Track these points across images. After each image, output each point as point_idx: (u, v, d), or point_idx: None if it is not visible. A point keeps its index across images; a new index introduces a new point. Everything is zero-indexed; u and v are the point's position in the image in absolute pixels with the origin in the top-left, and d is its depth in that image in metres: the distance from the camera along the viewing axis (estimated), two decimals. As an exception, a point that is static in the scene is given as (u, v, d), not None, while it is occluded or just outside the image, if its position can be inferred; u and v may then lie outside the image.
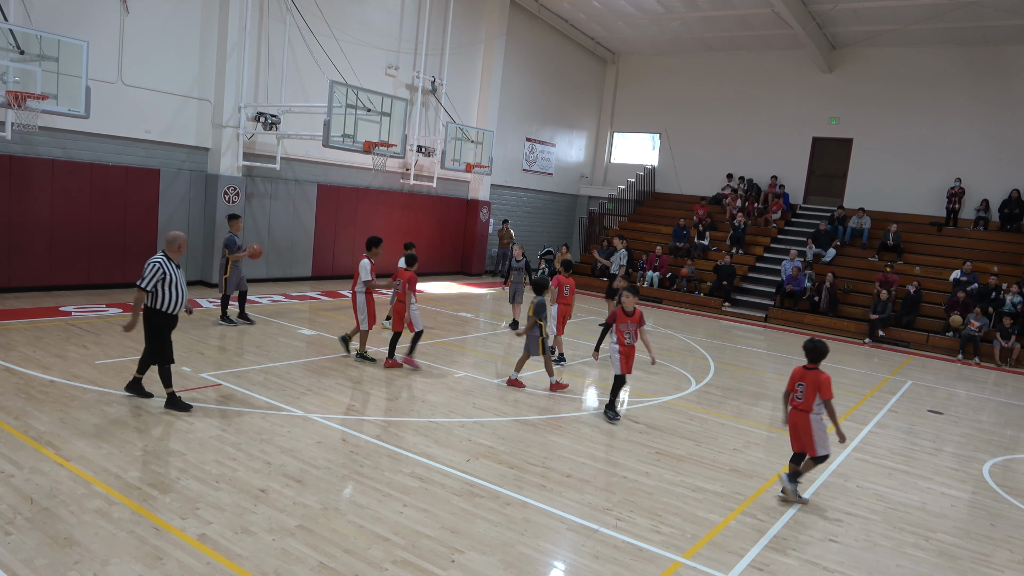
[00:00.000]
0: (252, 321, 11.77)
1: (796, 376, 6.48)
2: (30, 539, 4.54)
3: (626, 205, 25.86)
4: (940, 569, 5.49)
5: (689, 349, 13.67)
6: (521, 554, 5.00)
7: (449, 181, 21.04)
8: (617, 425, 8.24)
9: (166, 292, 7.02)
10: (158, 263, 6.99)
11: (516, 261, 13.90)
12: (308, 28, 15.94)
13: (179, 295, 7.14)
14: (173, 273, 7.06)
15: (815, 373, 6.37)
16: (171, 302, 7.07)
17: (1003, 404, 11.91)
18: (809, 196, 23.97)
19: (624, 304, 8.29)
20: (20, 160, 12.05)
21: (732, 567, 5.12)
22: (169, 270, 7.03)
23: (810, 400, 6.31)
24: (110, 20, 12.85)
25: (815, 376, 6.34)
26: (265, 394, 8.04)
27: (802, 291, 18.70)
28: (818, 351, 6.44)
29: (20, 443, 6.00)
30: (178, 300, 7.14)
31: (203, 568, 4.42)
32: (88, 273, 13.24)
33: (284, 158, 15.87)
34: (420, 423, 7.63)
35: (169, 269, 7.03)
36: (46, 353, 8.78)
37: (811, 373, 6.39)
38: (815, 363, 6.44)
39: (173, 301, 7.08)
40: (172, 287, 7.05)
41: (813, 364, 6.45)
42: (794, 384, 6.46)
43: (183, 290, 7.19)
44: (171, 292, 7.04)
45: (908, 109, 21.85)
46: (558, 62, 24.83)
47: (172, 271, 7.06)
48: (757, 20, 21.58)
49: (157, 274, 6.94)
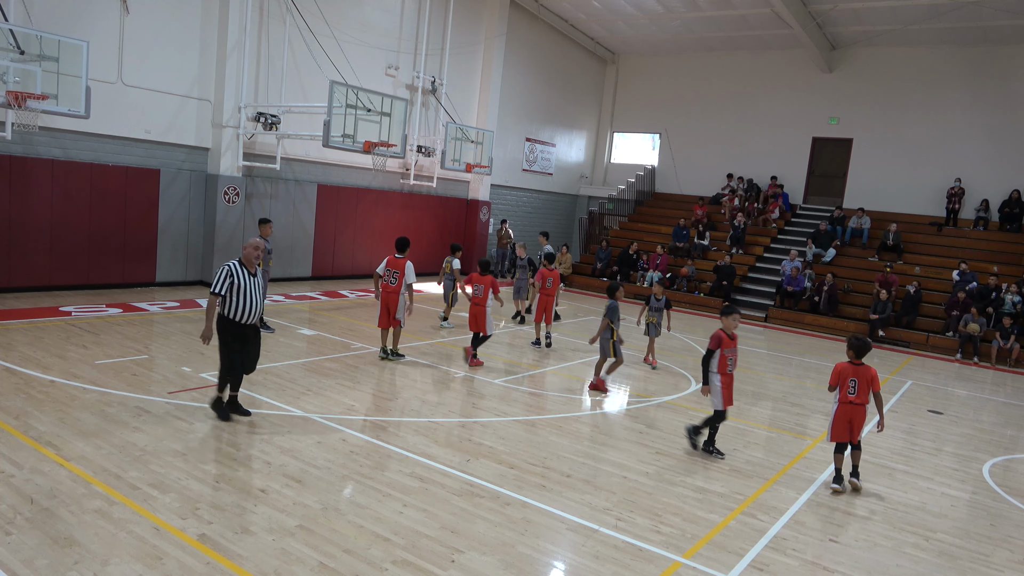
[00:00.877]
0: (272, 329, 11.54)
1: (848, 373, 6.77)
2: (30, 539, 4.54)
3: (626, 205, 25.85)
4: (940, 569, 5.49)
5: (689, 349, 13.67)
6: (521, 554, 5.00)
7: (449, 181, 21.04)
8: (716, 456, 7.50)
9: (233, 298, 6.81)
10: (227, 267, 6.83)
11: (520, 259, 14.79)
12: (308, 28, 15.94)
13: (246, 303, 6.85)
14: (243, 280, 6.83)
15: (865, 368, 6.75)
16: (236, 309, 6.83)
17: (1003, 404, 11.91)
18: (809, 196, 23.97)
19: (728, 326, 7.37)
20: (20, 160, 12.05)
21: (732, 567, 5.12)
22: (239, 276, 6.82)
23: (865, 394, 6.73)
24: (110, 20, 12.85)
25: (866, 371, 6.73)
26: (265, 394, 8.04)
27: (802, 291, 18.70)
28: (867, 347, 6.81)
29: (20, 443, 6.00)
30: (245, 308, 6.86)
31: (203, 568, 4.42)
32: (88, 273, 13.24)
33: (284, 158, 15.86)
34: (420, 423, 7.63)
35: (239, 275, 6.82)
36: (46, 353, 8.78)
37: (862, 369, 6.75)
38: (861, 358, 6.80)
39: (238, 308, 6.83)
40: (239, 293, 6.81)
41: (859, 360, 6.79)
42: (846, 380, 6.76)
43: (253, 299, 6.90)
44: (238, 299, 6.81)
45: (908, 109, 21.85)
46: (558, 62, 24.83)
47: (242, 277, 6.83)
48: (757, 20, 21.58)
49: (225, 279, 6.76)
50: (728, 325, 7.35)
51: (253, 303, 6.90)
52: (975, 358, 15.57)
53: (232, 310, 6.84)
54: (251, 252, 7.00)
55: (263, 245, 7.09)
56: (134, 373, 8.31)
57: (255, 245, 7.03)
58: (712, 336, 7.34)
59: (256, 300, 6.93)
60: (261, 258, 7.05)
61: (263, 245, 7.09)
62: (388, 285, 10.01)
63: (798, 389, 11.24)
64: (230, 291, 6.80)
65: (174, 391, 7.81)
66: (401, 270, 10.00)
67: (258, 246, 7.03)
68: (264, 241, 7.54)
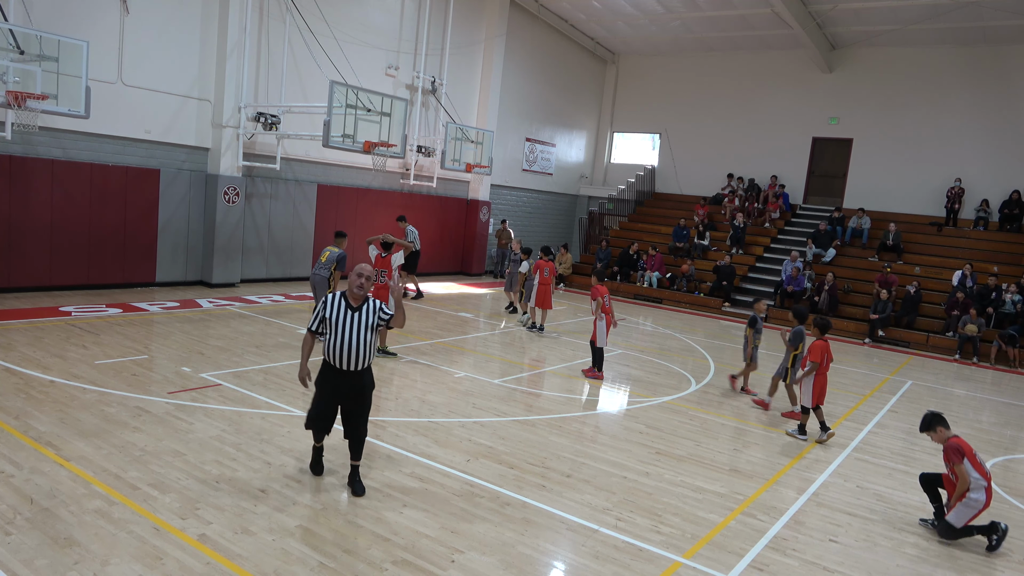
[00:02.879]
0: None
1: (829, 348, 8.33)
2: (30, 539, 4.54)
3: (626, 205, 25.85)
4: (940, 569, 5.49)
5: (689, 349, 13.67)
6: (521, 554, 5.00)
7: (449, 181, 21.03)
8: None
9: (328, 337, 5.59)
10: (323, 300, 5.65)
11: (515, 254, 15.17)
12: (308, 28, 15.94)
13: (339, 344, 5.49)
14: (339, 315, 5.53)
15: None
16: (330, 351, 5.57)
17: (1003, 404, 11.91)
18: (809, 196, 23.97)
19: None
20: (20, 160, 12.05)
21: (732, 567, 5.13)
22: (334, 310, 5.54)
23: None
24: (110, 20, 12.85)
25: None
26: (265, 394, 8.04)
27: (802, 291, 18.70)
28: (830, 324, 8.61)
29: (20, 443, 6.00)
30: (338, 350, 5.50)
31: (203, 568, 4.42)
32: (88, 273, 13.24)
33: (284, 158, 15.86)
34: (420, 423, 7.63)
35: (334, 309, 5.55)
36: (46, 353, 8.78)
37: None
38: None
39: (331, 351, 5.55)
40: (332, 331, 5.53)
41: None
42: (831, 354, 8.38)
43: (349, 341, 5.48)
44: (331, 338, 5.55)
45: (908, 109, 21.85)
46: (558, 62, 24.83)
47: (338, 312, 5.54)
48: (757, 20, 21.57)
49: (317, 314, 5.62)
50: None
51: (347, 346, 5.48)
52: (974, 358, 15.57)
53: (326, 350, 5.62)
54: (354, 281, 5.61)
55: (370, 272, 5.69)
56: (134, 373, 8.31)
57: (360, 272, 5.62)
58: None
59: (355, 341, 5.49)
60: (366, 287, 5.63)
61: (370, 272, 5.69)
62: (377, 283, 10.21)
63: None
64: (324, 327, 5.59)
65: (174, 391, 7.81)
66: (389, 268, 10.24)
67: (364, 273, 5.61)
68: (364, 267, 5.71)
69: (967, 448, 6.01)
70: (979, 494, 5.91)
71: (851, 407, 10.18)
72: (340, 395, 5.62)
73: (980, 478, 5.92)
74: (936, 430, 6.16)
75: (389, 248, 10.38)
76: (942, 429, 6.15)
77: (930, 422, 6.19)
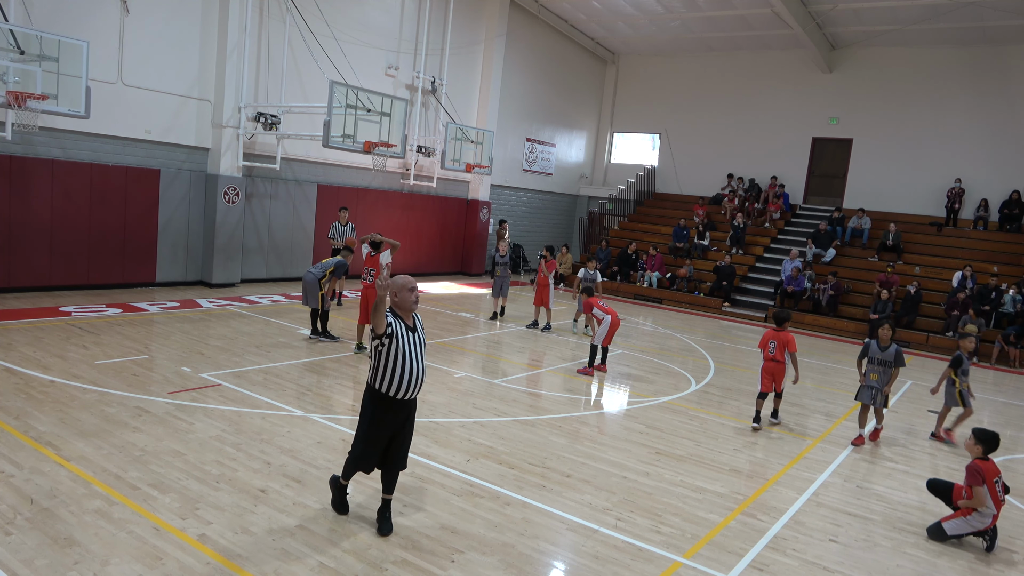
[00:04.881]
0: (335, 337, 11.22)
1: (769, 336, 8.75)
2: (30, 539, 4.54)
3: (626, 205, 25.85)
4: (940, 569, 5.49)
5: (689, 349, 13.67)
6: (521, 554, 5.00)
7: (449, 181, 21.03)
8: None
9: (388, 362, 4.86)
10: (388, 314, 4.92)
11: (500, 256, 14.49)
12: (308, 28, 15.94)
13: (406, 370, 4.86)
14: (402, 336, 4.88)
15: (784, 333, 8.69)
16: (395, 378, 4.87)
17: (1003, 404, 11.91)
18: (809, 196, 23.97)
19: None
20: (20, 160, 12.05)
21: (732, 567, 5.13)
22: (397, 331, 4.88)
23: (782, 353, 8.65)
24: (110, 20, 12.85)
25: (784, 336, 8.66)
26: (265, 394, 8.04)
27: (802, 291, 18.70)
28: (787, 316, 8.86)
29: (20, 443, 6.00)
30: (407, 377, 4.87)
31: (203, 568, 4.42)
32: (88, 273, 13.24)
33: (284, 158, 15.86)
34: (420, 423, 7.61)
35: (397, 330, 4.89)
36: (46, 353, 8.78)
37: (781, 334, 8.68)
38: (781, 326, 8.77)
39: (395, 377, 4.87)
40: (396, 356, 4.84)
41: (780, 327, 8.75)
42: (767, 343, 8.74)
43: (415, 365, 4.91)
44: (393, 363, 4.85)
45: (908, 109, 21.85)
46: (558, 62, 24.83)
47: (402, 334, 4.90)
48: (757, 20, 21.57)
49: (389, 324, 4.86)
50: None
51: (417, 370, 4.93)
52: (975, 358, 15.56)
53: (386, 380, 4.87)
54: (407, 297, 4.95)
55: (414, 284, 5.02)
56: (134, 373, 8.31)
57: (413, 287, 4.98)
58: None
59: (420, 365, 4.96)
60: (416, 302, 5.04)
61: (414, 284, 5.02)
62: (366, 283, 10.34)
63: (798, 389, 11.23)
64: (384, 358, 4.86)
65: (174, 391, 7.81)
66: (377, 266, 10.30)
67: (408, 284, 4.96)
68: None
69: (989, 475, 5.94)
70: (984, 520, 5.90)
71: (851, 407, 10.18)
72: (396, 425, 5.02)
73: (992, 507, 5.89)
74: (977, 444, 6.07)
75: (378, 247, 10.47)
76: (981, 448, 6.04)
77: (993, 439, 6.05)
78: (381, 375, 4.87)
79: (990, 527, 5.91)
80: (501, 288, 14.42)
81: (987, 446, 6.04)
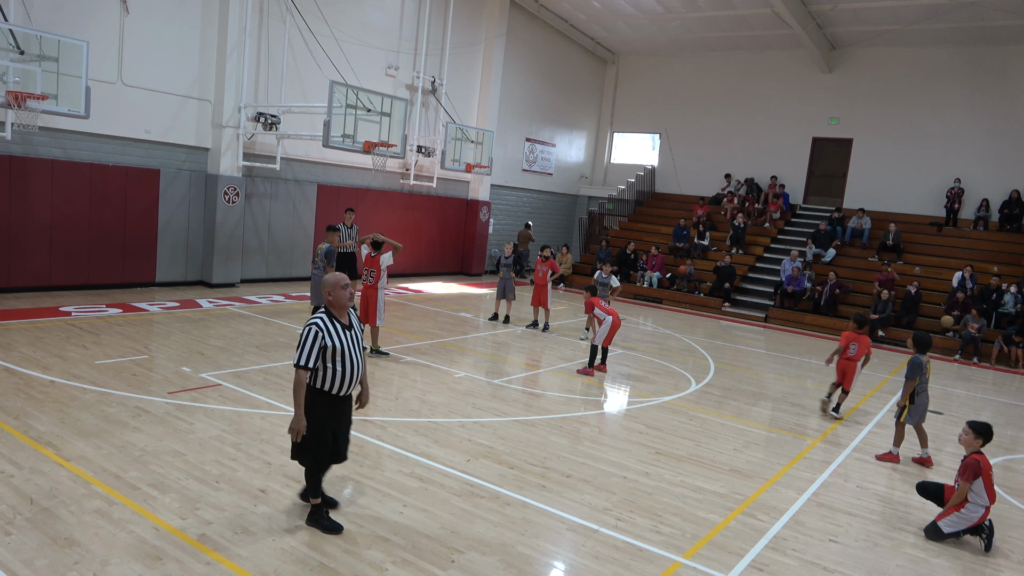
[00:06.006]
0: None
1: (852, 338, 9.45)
2: (30, 539, 4.54)
3: (626, 205, 25.85)
4: (940, 569, 5.49)
5: (689, 349, 13.67)
6: (521, 554, 5.00)
7: (449, 181, 21.04)
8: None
9: (328, 365, 4.92)
10: (313, 327, 4.85)
11: (505, 258, 14.27)
12: (308, 28, 15.94)
13: (346, 369, 4.95)
14: (338, 338, 4.91)
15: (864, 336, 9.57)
16: (334, 379, 4.94)
17: (1003, 404, 11.91)
18: (809, 196, 23.97)
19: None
20: (20, 160, 12.05)
21: (732, 567, 5.13)
22: (332, 335, 4.89)
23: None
24: (110, 20, 12.85)
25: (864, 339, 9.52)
26: (265, 394, 8.04)
27: (802, 291, 18.70)
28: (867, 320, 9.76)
29: (20, 443, 6.00)
30: (347, 376, 4.97)
31: (203, 568, 4.42)
32: (88, 273, 13.24)
33: (284, 158, 15.86)
34: (420, 423, 7.63)
35: (332, 333, 4.90)
36: (46, 353, 8.78)
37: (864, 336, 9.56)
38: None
39: (335, 378, 4.94)
40: (337, 358, 4.91)
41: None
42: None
43: (353, 362, 4.99)
44: (336, 366, 4.93)
45: (908, 109, 21.84)
46: (558, 62, 24.83)
47: (336, 336, 4.91)
48: (757, 20, 21.57)
49: (314, 345, 4.81)
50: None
51: (354, 367, 5.01)
52: (975, 358, 15.57)
53: (327, 380, 4.94)
54: (341, 294, 5.01)
55: (347, 281, 5.08)
56: (134, 373, 8.31)
57: (346, 285, 5.04)
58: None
59: (357, 361, 5.03)
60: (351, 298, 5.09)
61: (347, 281, 5.08)
62: (366, 284, 10.30)
63: (798, 390, 11.25)
64: (324, 357, 4.88)
65: (174, 391, 7.81)
66: (378, 268, 10.23)
67: (341, 282, 5.02)
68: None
69: (987, 468, 5.94)
70: (978, 511, 5.89)
71: (851, 407, 10.18)
72: (340, 422, 5.13)
73: (986, 499, 5.88)
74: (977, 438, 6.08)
75: (379, 248, 10.35)
76: (980, 441, 6.07)
77: (991, 431, 6.08)
78: (323, 376, 4.94)
79: (984, 519, 5.91)
80: (504, 290, 14.03)
81: (986, 439, 6.09)
